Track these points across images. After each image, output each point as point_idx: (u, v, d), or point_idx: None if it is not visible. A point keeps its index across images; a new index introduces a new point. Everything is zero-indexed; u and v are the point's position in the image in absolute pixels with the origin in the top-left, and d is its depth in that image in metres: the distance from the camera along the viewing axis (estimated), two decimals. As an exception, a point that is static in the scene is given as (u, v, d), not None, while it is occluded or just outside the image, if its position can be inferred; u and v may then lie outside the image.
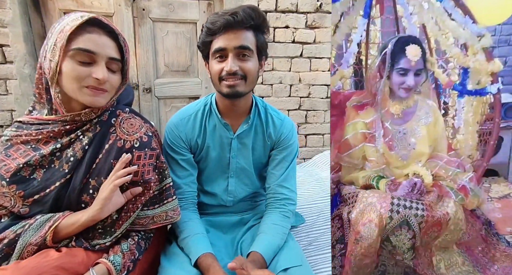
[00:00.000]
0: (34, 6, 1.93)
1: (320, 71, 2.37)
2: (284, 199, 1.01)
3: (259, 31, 0.90)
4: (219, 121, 0.98)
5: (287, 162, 1.03)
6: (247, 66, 0.87)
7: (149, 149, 0.82)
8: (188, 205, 0.99)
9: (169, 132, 0.99)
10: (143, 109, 2.25)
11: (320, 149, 2.50)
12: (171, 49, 2.22)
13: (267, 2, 2.18)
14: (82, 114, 0.77)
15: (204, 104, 1.01)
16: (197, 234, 0.91)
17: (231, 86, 0.87)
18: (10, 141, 0.77)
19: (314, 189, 1.69)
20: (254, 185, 1.07)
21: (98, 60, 0.73)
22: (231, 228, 1.05)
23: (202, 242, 0.89)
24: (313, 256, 1.14)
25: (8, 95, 1.98)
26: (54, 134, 0.77)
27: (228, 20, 0.83)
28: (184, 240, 0.90)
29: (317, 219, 1.36)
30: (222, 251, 0.95)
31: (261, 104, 1.04)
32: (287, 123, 1.04)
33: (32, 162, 0.75)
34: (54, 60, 0.71)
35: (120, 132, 0.81)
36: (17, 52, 1.90)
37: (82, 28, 0.71)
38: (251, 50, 0.87)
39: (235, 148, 1.01)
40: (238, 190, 1.05)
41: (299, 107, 2.42)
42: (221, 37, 0.85)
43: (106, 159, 0.79)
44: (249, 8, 0.86)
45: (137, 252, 0.81)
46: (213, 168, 1.03)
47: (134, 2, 2.07)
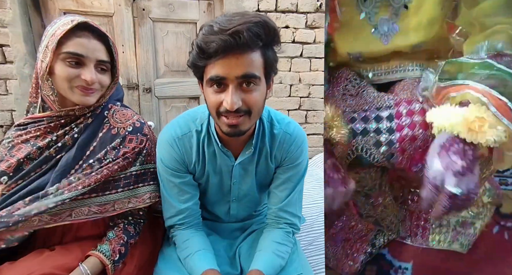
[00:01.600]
0: (34, 6, 1.93)
1: (320, 71, 2.37)
2: (286, 223, 0.91)
3: (268, 47, 0.70)
4: (219, 149, 0.84)
5: (293, 183, 0.89)
6: (253, 99, 0.69)
7: (141, 134, 0.88)
8: (192, 225, 0.91)
9: (163, 153, 0.85)
10: (143, 109, 2.25)
11: (320, 149, 2.50)
12: (171, 49, 2.22)
13: (267, 2, 2.18)
14: (76, 110, 0.81)
15: (201, 123, 0.85)
16: (198, 251, 0.84)
17: (233, 125, 0.70)
18: (12, 143, 0.82)
19: (314, 189, 1.69)
20: (256, 204, 1.01)
21: (87, 62, 0.78)
22: (231, 233, 1.02)
23: (204, 259, 0.83)
24: (313, 256, 1.14)
25: (8, 95, 1.98)
26: (51, 129, 0.82)
27: (227, 42, 0.62)
28: (185, 260, 0.85)
29: (317, 219, 1.36)
30: (221, 255, 0.93)
31: (266, 119, 0.86)
32: (296, 138, 0.86)
33: (31, 155, 0.80)
34: (45, 61, 0.77)
35: (113, 122, 0.87)
36: (17, 52, 1.90)
37: (72, 32, 0.76)
38: (257, 78, 0.68)
39: (237, 175, 0.89)
40: (240, 213, 0.99)
41: (299, 107, 2.42)
42: (218, 63, 0.65)
43: (101, 145, 0.84)
44: (257, 24, 0.63)
45: (125, 236, 0.84)
46: (214, 193, 0.93)
47: (134, 2, 2.07)
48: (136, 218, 0.90)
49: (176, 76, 2.29)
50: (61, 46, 0.76)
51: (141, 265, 0.89)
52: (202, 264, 0.81)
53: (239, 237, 1.01)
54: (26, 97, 1.96)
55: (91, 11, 2.01)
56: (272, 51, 0.71)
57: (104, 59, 0.81)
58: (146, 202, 0.88)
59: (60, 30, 0.75)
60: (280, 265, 0.84)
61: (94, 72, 0.79)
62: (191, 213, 0.89)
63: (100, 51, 0.80)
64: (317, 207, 1.46)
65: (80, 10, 2.00)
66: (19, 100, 1.98)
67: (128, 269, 0.84)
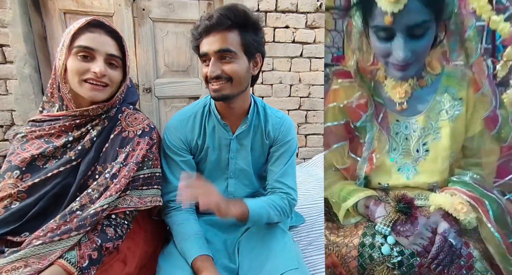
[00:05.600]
0: (34, 6, 1.93)
1: (320, 71, 2.37)
2: (282, 192, 1.00)
3: (245, 29, 0.86)
4: (218, 122, 0.98)
5: (285, 158, 1.02)
6: (230, 68, 0.86)
7: (149, 138, 0.90)
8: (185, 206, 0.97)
9: (168, 133, 0.99)
10: (143, 109, 2.25)
11: (320, 149, 2.50)
12: (171, 49, 2.22)
13: (267, 2, 2.18)
14: (90, 110, 0.83)
15: (203, 105, 1.01)
16: (191, 236, 0.90)
17: (216, 90, 0.87)
18: (25, 137, 0.83)
19: (314, 189, 1.69)
20: (253, 185, 1.07)
21: (97, 56, 0.80)
22: (229, 228, 1.05)
23: (196, 244, 0.88)
24: (313, 256, 1.14)
25: (8, 95, 1.98)
26: (66, 128, 0.84)
27: (206, 25, 0.84)
28: (179, 244, 0.90)
29: (317, 219, 1.36)
30: (221, 250, 0.95)
31: (260, 104, 1.04)
32: (286, 122, 1.04)
33: (46, 152, 0.81)
34: (62, 58, 0.80)
35: (125, 125, 0.89)
36: (17, 52, 1.90)
37: (86, 28, 0.80)
38: (232, 52, 0.85)
39: (234, 149, 1.00)
40: (238, 191, 1.05)
41: (299, 107, 2.42)
42: (203, 42, 0.86)
43: (112, 147, 0.86)
44: (226, 8, 0.84)
45: (99, 239, 0.78)
46: (213, 169, 1.03)
47: (134, 2, 2.07)
48: (120, 218, 0.85)
49: (176, 76, 2.29)
50: (74, 41, 0.79)
51: (142, 265, 0.89)
52: (195, 248, 0.87)
53: (238, 232, 1.04)
54: (26, 97, 1.96)
55: (91, 11, 2.01)
56: (252, 33, 0.88)
57: (114, 53, 0.83)
58: (147, 205, 0.88)
59: (74, 28, 0.79)
60: (266, 213, 0.91)
61: (103, 65, 0.80)
62: None
63: (111, 46, 0.83)
64: (317, 207, 1.47)
65: (80, 10, 2.00)
66: (19, 100, 1.98)
67: (129, 269, 0.83)
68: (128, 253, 0.86)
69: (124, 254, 0.85)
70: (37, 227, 0.76)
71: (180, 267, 0.85)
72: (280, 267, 0.85)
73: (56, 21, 1.99)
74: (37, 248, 0.70)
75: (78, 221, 0.75)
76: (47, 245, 0.71)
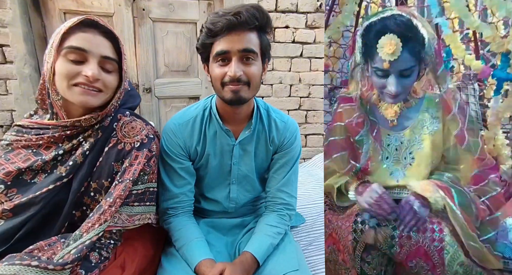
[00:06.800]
0: (34, 6, 1.93)
1: (320, 71, 2.37)
2: (283, 204, 0.98)
3: (263, 32, 0.84)
4: (220, 128, 0.93)
5: (289, 166, 0.99)
6: (251, 71, 0.82)
7: (147, 150, 0.83)
8: (184, 212, 0.96)
9: (166, 138, 0.93)
10: (143, 110, 2.25)
11: (320, 149, 2.50)
12: (171, 49, 2.22)
13: (267, 2, 2.18)
14: (82, 120, 0.75)
15: (204, 109, 0.95)
16: (192, 241, 0.88)
17: (235, 91, 0.81)
18: (10, 146, 0.76)
19: (314, 189, 1.69)
20: (256, 190, 1.05)
21: (90, 58, 0.71)
22: (231, 230, 1.04)
23: (198, 249, 0.87)
24: (313, 256, 1.14)
25: (8, 95, 1.98)
26: (55, 140, 0.76)
27: (231, 21, 0.77)
28: (180, 249, 0.88)
29: (317, 219, 1.36)
30: (222, 252, 0.95)
31: (263, 107, 0.99)
32: (291, 126, 0.99)
33: (34, 166, 0.73)
34: (50, 61, 0.71)
35: (121, 136, 0.81)
36: (17, 52, 1.90)
37: (78, 28, 0.71)
38: (255, 53, 0.82)
39: (237, 155, 0.96)
40: (240, 197, 1.02)
41: (299, 107, 2.42)
42: (223, 39, 0.79)
43: (107, 161, 0.78)
44: (253, 7, 0.79)
45: (82, 271, 0.70)
46: (214, 175, 0.99)
47: (134, 2, 2.07)
48: (105, 238, 0.76)
49: (176, 76, 2.28)
50: (64, 41, 0.70)
51: (142, 269, 0.86)
52: (197, 253, 0.85)
53: (239, 234, 1.03)
54: (26, 97, 1.96)
55: (91, 11, 2.01)
56: (266, 37, 0.85)
57: (109, 56, 0.74)
58: (135, 223, 0.80)
59: (65, 27, 0.70)
60: (271, 244, 0.91)
61: (97, 68, 0.72)
62: (184, 198, 0.95)
63: (106, 48, 0.74)
64: (317, 207, 1.47)
65: (80, 10, 2.00)
66: (19, 100, 1.98)
67: (127, 273, 0.80)
68: (127, 258, 0.82)
69: (123, 259, 0.81)
70: (25, 248, 0.68)
71: (182, 270, 0.84)
72: (280, 268, 0.85)
73: (56, 21, 1.99)
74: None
75: (74, 254, 0.67)
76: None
